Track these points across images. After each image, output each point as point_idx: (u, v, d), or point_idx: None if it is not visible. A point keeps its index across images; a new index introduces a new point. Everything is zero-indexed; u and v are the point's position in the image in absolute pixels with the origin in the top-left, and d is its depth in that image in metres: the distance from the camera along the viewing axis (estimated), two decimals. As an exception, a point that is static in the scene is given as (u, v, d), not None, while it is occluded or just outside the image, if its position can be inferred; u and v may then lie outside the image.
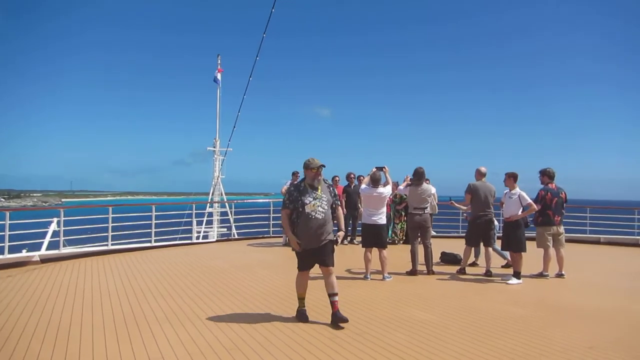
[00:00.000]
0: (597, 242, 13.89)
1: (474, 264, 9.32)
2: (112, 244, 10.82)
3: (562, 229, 8.47)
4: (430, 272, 8.40)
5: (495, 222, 9.03)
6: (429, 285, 7.65)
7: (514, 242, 7.92)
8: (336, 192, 5.58)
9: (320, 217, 5.27)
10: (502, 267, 9.06)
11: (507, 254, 8.69)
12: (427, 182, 8.84)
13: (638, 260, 10.78)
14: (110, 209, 11.09)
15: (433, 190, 9.09)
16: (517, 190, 8.05)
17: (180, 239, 13.16)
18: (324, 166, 5.36)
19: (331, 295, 5.36)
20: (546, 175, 8.44)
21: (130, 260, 9.64)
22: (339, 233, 5.62)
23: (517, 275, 7.81)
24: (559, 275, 8.27)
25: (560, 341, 4.82)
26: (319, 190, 5.35)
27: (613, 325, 5.44)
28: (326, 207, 5.35)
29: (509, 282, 7.75)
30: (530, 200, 7.98)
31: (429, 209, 8.75)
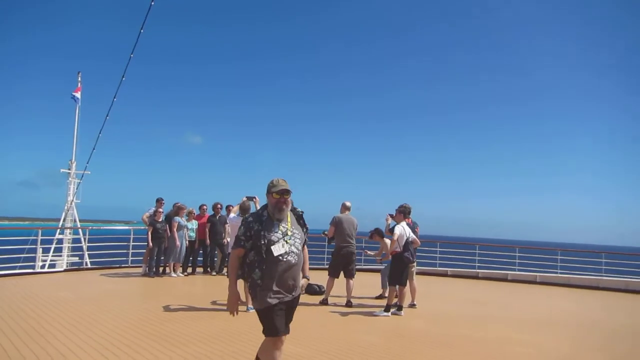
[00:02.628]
0: (444, 274, 15.24)
1: (380, 297, 9.59)
2: None
3: (414, 262, 9.13)
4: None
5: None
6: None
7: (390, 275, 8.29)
8: (307, 226, 4.17)
9: (294, 261, 3.81)
10: (376, 297, 9.51)
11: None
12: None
13: (477, 291, 12.02)
14: None
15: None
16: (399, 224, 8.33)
17: (21, 267, 11.69)
18: (290, 192, 3.90)
19: None
20: (403, 212, 9.05)
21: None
22: (302, 280, 4.08)
23: (386, 308, 8.03)
24: (412, 305, 8.86)
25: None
26: (289, 224, 3.92)
27: (459, 350, 5.94)
28: (300, 248, 3.91)
29: (376, 314, 7.96)
30: (394, 234, 8.23)
31: None
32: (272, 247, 3.74)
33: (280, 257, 3.74)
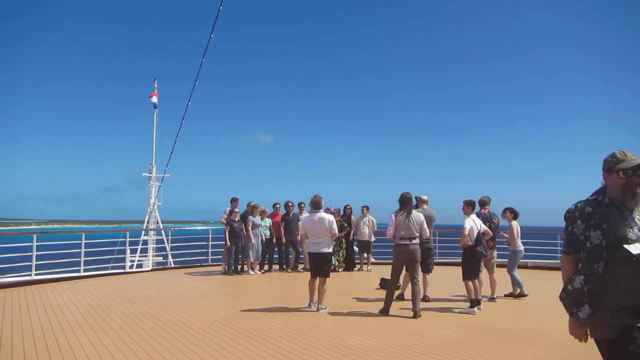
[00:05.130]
0: (525, 266, 14.56)
1: (511, 295, 9.04)
2: (35, 274, 10.17)
3: (494, 253, 8.84)
4: (416, 314, 7.26)
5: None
6: (368, 312, 7.69)
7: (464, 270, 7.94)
8: None
9: None
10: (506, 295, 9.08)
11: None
12: (421, 207, 8.90)
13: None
14: (35, 236, 10.51)
15: (422, 217, 7.75)
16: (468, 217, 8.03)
17: (112, 268, 12.56)
18: None
19: None
20: (479, 203, 8.80)
21: (56, 292, 9.05)
22: None
23: (471, 304, 7.67)
24: (492, 299, 8.59)
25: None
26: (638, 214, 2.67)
27: (540, 345, 5.70)
28: None
29: (462, 310, 7.67)
30: (465, 227, 7.89)
31: (417, 239, 7.64)
32: (628, 244, 2.52)
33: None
